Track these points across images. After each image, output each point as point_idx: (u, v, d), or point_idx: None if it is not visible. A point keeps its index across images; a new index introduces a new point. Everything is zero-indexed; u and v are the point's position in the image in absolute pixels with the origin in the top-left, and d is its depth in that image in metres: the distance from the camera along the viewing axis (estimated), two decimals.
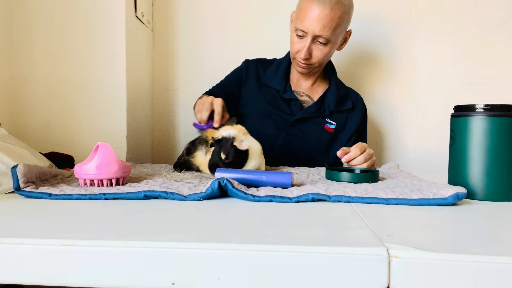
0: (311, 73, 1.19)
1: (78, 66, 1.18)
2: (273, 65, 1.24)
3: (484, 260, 0.39)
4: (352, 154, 0.96)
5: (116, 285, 0.41)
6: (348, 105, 1.21)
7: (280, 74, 1.21)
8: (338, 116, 1.20)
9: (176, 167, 0.95)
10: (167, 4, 1.47)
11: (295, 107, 1.18)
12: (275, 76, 1.21)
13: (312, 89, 1.23)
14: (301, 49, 1.09)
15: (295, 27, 1.08)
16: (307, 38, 1.07)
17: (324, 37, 1.06)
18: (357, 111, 1.22)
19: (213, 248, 0.41)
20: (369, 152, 0.98)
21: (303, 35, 1.07)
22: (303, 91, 1.23)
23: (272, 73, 1.22)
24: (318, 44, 1.08)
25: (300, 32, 1.07)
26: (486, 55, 1.45)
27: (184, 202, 0.63)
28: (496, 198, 0.69)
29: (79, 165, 0.70)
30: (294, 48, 1.12)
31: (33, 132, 1.20)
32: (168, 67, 1.50)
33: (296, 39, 1.10)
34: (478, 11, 1.43)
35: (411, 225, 0.51)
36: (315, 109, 1.18)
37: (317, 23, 1.03)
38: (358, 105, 1.23)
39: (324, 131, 1.18)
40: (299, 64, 1.13)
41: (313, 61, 1.12)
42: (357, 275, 0.40)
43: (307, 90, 1.23)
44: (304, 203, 0.63)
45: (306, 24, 1.05)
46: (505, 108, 0.69)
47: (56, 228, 0.47)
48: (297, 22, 1.07)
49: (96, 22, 1.17)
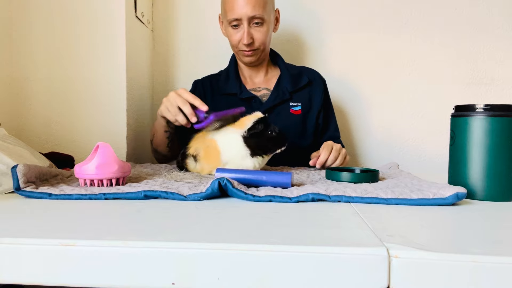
0: (259, 61, 1.19)
1: (78, 66, 1.18)
2: (222, 75, 1.25)
3: (483, 260, 0.39)
4: (322, 158, 0.98)
5: (116, 285, 0.41)
6: (304, 81, 1.21)
7: (231, 78, 1.21)
8: (300, 96, 1.20)
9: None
10: (167, 4, 1.47)
11: (255, 104, 1.17)
12: (228, 82, 1.21)
13: (266, 80, 1.23)
14: (242, 37, 1.10)
15: (228, 19, 1.10)
16: (243, 24, 1.08)
17: (258, 16, 1.08)
18: (316, 85, 1.23)
19: (213, 248, 0.41)
20: (336, 148, 1.00)
21: (238, 23, 1.09)
22: (259, 86, 1.23)
23: (224, 80, 1.22)
24: (255, 26, 1.10)
25: (234, 22, 1.09)
26: (486, 55, 1.44)
27: (184, 202, 0.63)
28: (496, 198, 0.69)
29: (79, 165, 0.70)
30: (233, 39, 1.13)
31: (33, 132, 1.20)
32: (168, 67, 1.50)
33: (233, 31, 1.11)
34: (478, 11, 1.43)
35: (411, 225, 0.51)
36: (274, 97, 1.18)
37: (246, 5, 1.06)
38: (315, 79, 1.24)
39: (290, 116, 1.18)
40: (244, 53, 1.14)
41: (256, 44, 1.12)
42: (357, 275, 0.40)
43: (262, 83, 1.23)
44: (304, 203, 0.63)
45: (237, 11, 1.07)
46: (505, 108, 0.69)
47: (56, 228, 0.47)
48: (227, 14, 1.09)
49: (96, 22, 1.17)
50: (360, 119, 1.50)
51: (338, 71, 1.48)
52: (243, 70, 1.24)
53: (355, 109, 1.49)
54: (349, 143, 1.50)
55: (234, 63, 1.24)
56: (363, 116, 1.49)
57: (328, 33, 1.46)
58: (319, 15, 1.46)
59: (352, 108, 1.49)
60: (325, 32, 1.46)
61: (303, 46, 1.48)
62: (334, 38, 1.47)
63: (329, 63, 1.48)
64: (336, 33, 1.46)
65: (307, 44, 1.48)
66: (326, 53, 1.48)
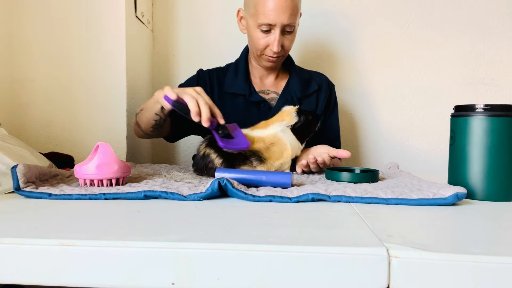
0: (276, 66, 1.16)
1: (78, 66, 1.18)
2: (230, 70, 1.17)
3: (484, 260, 0.39)
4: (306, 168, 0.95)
5: (116, 285, 0.41)
6: (313, 87, 1.18)
7: (240, 78, 1.14)
8: (308, 102, 1.17)
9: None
10: (167, 4, 1.47)
11: (264, 108, 1.13)
12: (236, 81, 1.14)
13: (276, 83, 1.20)
14: (271, 43, 1.04)
15: (259, 22, 1.02)
16: (275, 31, 1.03)
17: (291, 25, 1.04)
18: (323, 90, 1.20)
19: (213, 248, 0.41)
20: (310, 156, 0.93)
21: (270, 29, 1.03)
22: (268, 88, 1.19)
23: (232, 78, 1.15)
24: (286, 34, 1.06)
25: (265, 27, 1.02)
26: (486, 55, 1.45)
27: (184, 202, 0.63)
28: (496, 198, 0.69)
29: (79, 165, 0.70)
30: (260, 44, 1.06)
31: (33, 132, 1.20)
32: (168, 67, 1.50)
33: (261, 35, 1.05)
34: (478, 11, 1.43)
35: (411, 225, 0.51)
36: (282, 102, 1.13)
37: (284, 13, 1.00)
38: (323, 85, 1.20)
39: None
40: (269, 59, 1.09)
41: (283, 52, 1.09)
42: (357, 275, 0.40)
43: (272, 86, 1.19)
44: (304, 203, 0.63)
45: (271, 16, 1.00)
46: (505, 108, 0.69)
47: (56, 228, 0.47)
48: (259, 17, 1.02)
49: (96, 22, 1.17)
50: (360, 119, 1.50)
51: (338, 71, 1.48)
52: (254, 70, 1.18)
53: (355, 109, 1.49)
54: (349, 143, 1.50)
55: (245, 60, 1.18)
56: (363, 116, 1.49)
57: (328, 34, 1.46)
58: (319, 15, 1.46)
59: (352, 108, 1.49)
60: (324, 32, 1.46)
61: (303, 47, 1.48)
62: (334, 39, 1.47)
63: (329, 63, 1.48)
64: (336, 34, 1.46)
65: (307, 45, 1.48)
66: (327, 55, 1.48)
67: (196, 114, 0.80)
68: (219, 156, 0.84)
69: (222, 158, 0.84)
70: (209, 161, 0.84)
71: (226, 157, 0.84)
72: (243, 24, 1.12)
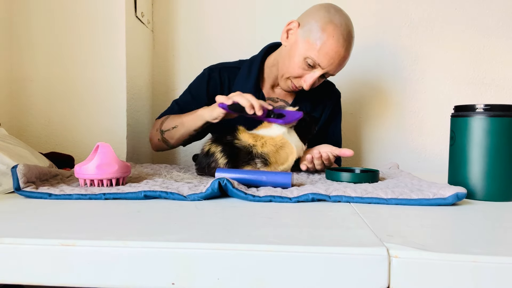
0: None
1: (78, 66, 1.18)
2: (241, 72, 1.13)
3: (484, 260, 0.39)
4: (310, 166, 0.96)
5: (116, 285, 0.41)
6: (323, 102, 1.17)
7: (251, 82, 1.10)
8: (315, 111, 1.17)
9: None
10: (167, 4, 1.47)
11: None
12: (246, 84, 1.10)
13: (286, 93, 1.15)
14: (306, 80, 1.01)
15: (310, 55, 0.97)
16: (317, 71, 1.00)
17: (330, 74, 1.02)
18: (330, 100, 1.19)
19: (213, 248, 0.41)
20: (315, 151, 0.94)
21: (315, 66, 0.99)
22: (277, 96, 1.15)
23: (243, 81, 1.11)
24: (321, 78, 1.04)
25: (311, 62, 0.98)
26: (486, 55, 1.45)
27: (184, 202, 0.63)
28: (496, 198, 0.69)
29: (79, 165, 0.70)
30: (296, 71, 1.01)
31: (33, 132, 1.20)
32: (168, 67, 1.50)
33: (303, 65, 1.00)
34: (478, 11, 1.43)
35: (411, 225, 0.51)
36: None
37: (336, 64, 0.99)
38: (331, 95, 1.20)
39: None
40: (293, 87, 1.06)
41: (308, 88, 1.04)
42: (357, 275, 0.40)
43: (281, 95, 1.16)
44: (304, 203, 0.63)
45: (325, 60, 0.97)
46: (505, 108, 0.69)
47: (56, 228, 0.47)
48: (313, 51, 0.97)
49: (96, 22, 1.17)
50: (360, 119, 1.50)
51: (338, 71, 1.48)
52: (267, 77, 1.13)
53: (355, 110, 1.49)
54: (349, 143, 1.49)
55: (261, 62, 1.12)
56: (363, 116, 1.50)
57: None
58: None
59: (352, 109, 1.49)
60: None
61: None
62: None
63: None
64: None
65: None
66: None
67: (250, 107, 0.85)
68: (224, 156, 0.83)
69: (227, 158, 0.83)
70: (213, 160, 0.83)
71: (231, 156, 0.83)
72: (289, 38, 1.04)
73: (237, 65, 1.16)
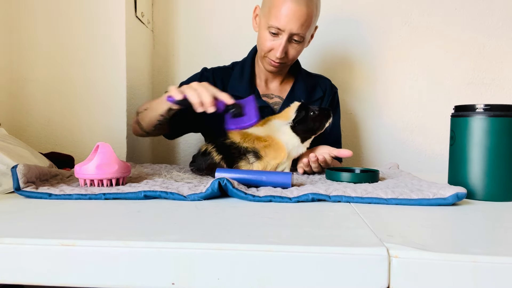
0: (281, 72, 1.15)
1: (78, 66, 1.18)
2: (235, 72, 1.15)
3: (484, 260, 0.39)
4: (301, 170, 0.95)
5: (116, 285, 0.41)
6: (318, 94, 1.18)
7: (245, 81, 1.12)
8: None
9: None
10: (167, 4, 1.47)
11: (267, 113, 1.10)
12: (241, 84, 1.12)
13: (281, 88, 1.18)
14: (276, 48, 1.03)
15: (269, 24, 1.01)
16: (283, 36, 1.01)
17: (300, 35, 1.02)
18: (326, 95, 1.19)
19: (213, 248, 0.41)
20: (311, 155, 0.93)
21: (278, 33, 1.01)
22: (272, 92, 1.17)
23: (237, 80, 1.13)
24: (293, 42, 1.04)
25: (274, 30, 1.01)
26: (486, 55, 1.45)
27: (184, 202, 0.63)
28: (496, 198, 0.69)
29: (79, 165, 0.70)
30: (266, 46, 1.05)
31: (33, 132, 1.20)
32: (168, 67, 1.50)
33: (269, 37, 1.03)
34: (478, 11, 1.43)
35: (411, 225, 0.51)
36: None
37: (295, 21, 0.98)
38: (327, 91, 1.20)
39: None
40: (271, 63, 1.07)
41: (286, 60, 1.07)
42: (357, 275, 0.40)
43: (276, 91, 1.18)
44: (304, 203, 0.63)
45: (282, 21, 0.98)
46: (505, 108, 0.69)
47: (56, 228, 0.47)
48: (270, 18, 1.00)
49: (96, 22, 1.17)
50: (360, 119, 1.50)
51: (338, 72, 1.48)
52: (260, 72, 1.16)
53: (355, 109, 1.49)
54: (349, 143, 1.50)
55: (252, 61, 1.16)
56: (363, 116, 1.49)
57: (329, 35, 1.46)
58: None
59: (352, 109, 1.49)
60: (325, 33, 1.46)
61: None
62: (334, 39, 1.47)
63: (330, 64, 1.48)
64: (336, 34, 1.46)
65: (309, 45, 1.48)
66: (327, 54, 1.48)
67: (198, 105, 0.81)
68: (218, 152, 0.86)
69: (221, 154, 0.86)
70: (209, 158, 0.86)
71: (225, 153, 0.87)
72: (257, 22, 1.10)
73: (230, 66, 1.20)
